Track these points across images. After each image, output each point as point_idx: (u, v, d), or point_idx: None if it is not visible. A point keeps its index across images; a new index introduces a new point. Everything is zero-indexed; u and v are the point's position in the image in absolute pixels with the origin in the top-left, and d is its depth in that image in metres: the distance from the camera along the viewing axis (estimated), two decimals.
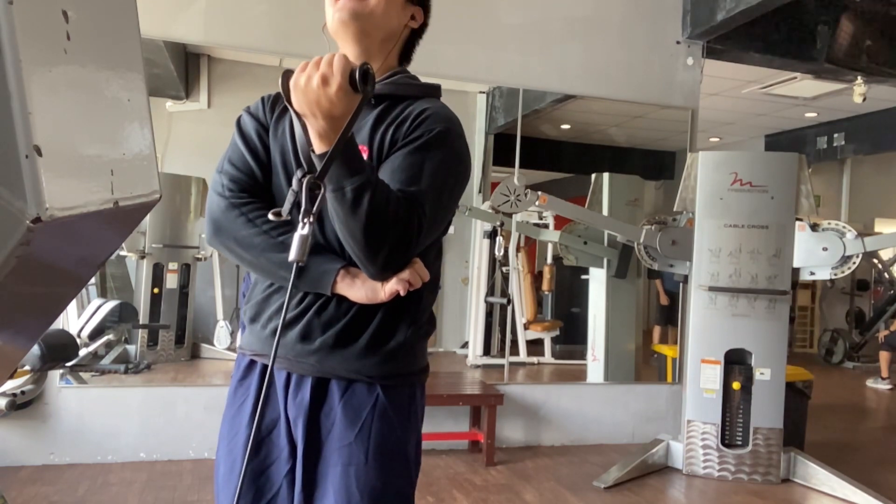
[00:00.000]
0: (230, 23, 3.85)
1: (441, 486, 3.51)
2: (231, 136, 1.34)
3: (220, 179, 1.28)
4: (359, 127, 1.25)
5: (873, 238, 4.00)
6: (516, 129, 4.57)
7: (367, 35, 1.27)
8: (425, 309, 1.31)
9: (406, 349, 1.27)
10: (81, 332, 3.86)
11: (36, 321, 0.72)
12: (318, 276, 1.20)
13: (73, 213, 0.56)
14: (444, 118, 1.25)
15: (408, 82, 1.32)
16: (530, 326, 5.82)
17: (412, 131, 1.22)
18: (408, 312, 1.26)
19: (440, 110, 1.27)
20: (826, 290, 9.03)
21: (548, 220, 5.70)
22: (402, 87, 1.30)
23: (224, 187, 1.26)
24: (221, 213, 1.25)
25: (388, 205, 1.11)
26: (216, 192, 1.27)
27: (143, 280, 4.73)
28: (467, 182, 1.31)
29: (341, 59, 1.02)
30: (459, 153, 1.27)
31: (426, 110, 1.24)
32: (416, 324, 1.29)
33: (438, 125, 1.23)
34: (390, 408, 1.25)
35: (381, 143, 1.23)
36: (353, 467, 1.22)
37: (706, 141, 8.50)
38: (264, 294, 1.31)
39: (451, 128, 1.25)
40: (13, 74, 0.52)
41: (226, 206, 1.25)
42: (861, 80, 5.32)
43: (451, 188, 1.24)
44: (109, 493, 3.24)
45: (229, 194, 1.25)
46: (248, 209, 1.24)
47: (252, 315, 1.33)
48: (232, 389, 1.35)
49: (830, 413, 5.55)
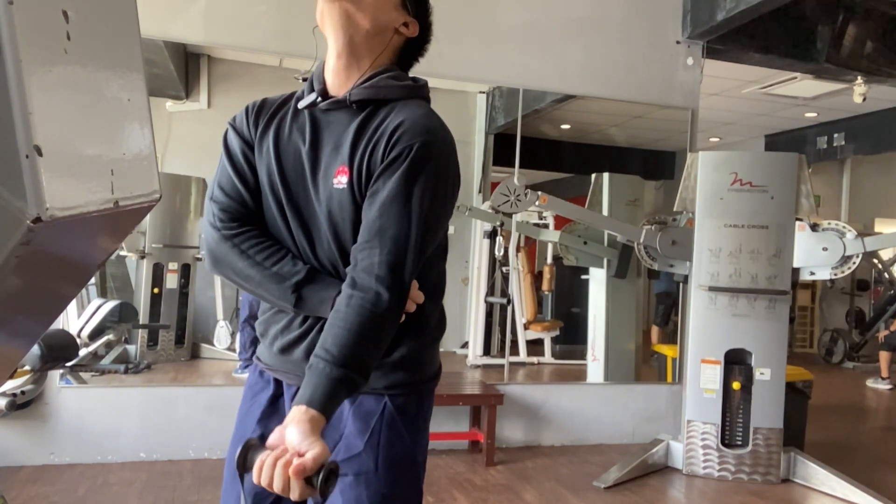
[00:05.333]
0: (230, 23, 3.85)
1: (441, 486, 3.51)
2: None
3: (212, 209, 1.28)
4: (339, 141, 1.23)
5: (873, 238, 4.00)
6: (516, 129, 4.57)
7: (353, 22, 1.22)
8: (428, 318, 1.31)
9: (411, 360, 1.28)
10: (81, 332, 3.86)
11: (36, 321, 0.72)
12: (317, 305, 1.22)
13: (73, 213, 0.57)
14: (421, 129, 1.19)
15: (388, 84, 1.25)
16: (530, 326, 5.82)
17: (390, 151, 1.18)
18: (409, 326, 1.25)
19: (419, 120, 1.20)
20: (826, 290, 9.03)
21: (548, 220, 5.70)
22: (383, 90, 1.24)
23: (216, 217, 1.27)
24: (216, 245, 1.26)
25: (374, 338, 1.13)
26: (209, 222, 1.28)
27: (143, 280, 4.73)
28: (458, 187, 1.28)
29: (299, 471, 0.97)
30: (443, 166, 1.21)
31: (402, 123, 1.19)
32: (421, 334, 1.29)
33: (416, 139, 1.17)
34: (398, 416, 1.26)
35: (360, 165, 1.20)
36: (363, 476, 1.23)
37: (706, 141, 8.50)
38: (271, 311, 1.33)
39: (430, 139, 1.19)
40: (13, 74, 0.52)
41: (219, 238, 1.26)
42: (861, 80, 5.32)
43: (439, 209, 1.21)
44: (109, 493, 3.24)
45: (221, 225, 1.26)
46: (241, 240, 1.25)
47: (261, 331, 1.36)
48: (247, 387, 1.38)
49: (830, 413, 5.55)
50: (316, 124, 1.27)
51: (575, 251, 4.99)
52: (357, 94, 1.23)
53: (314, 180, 1.24)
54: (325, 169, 1.23)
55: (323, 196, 1.23)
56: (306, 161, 1.25)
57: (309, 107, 1.27)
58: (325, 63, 1.29)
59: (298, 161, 1.26)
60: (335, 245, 1.23)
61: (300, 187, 1.25)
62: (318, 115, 1.27)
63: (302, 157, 1.25)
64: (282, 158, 1.27)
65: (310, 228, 1.25)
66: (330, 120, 1.26)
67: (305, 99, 1.27)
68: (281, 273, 1.22)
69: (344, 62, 1.25)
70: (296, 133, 1.28)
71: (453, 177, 1.25)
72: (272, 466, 0.99)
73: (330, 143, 1.24)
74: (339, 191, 1.21)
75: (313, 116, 1.27)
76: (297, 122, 1.28)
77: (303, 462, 0.97)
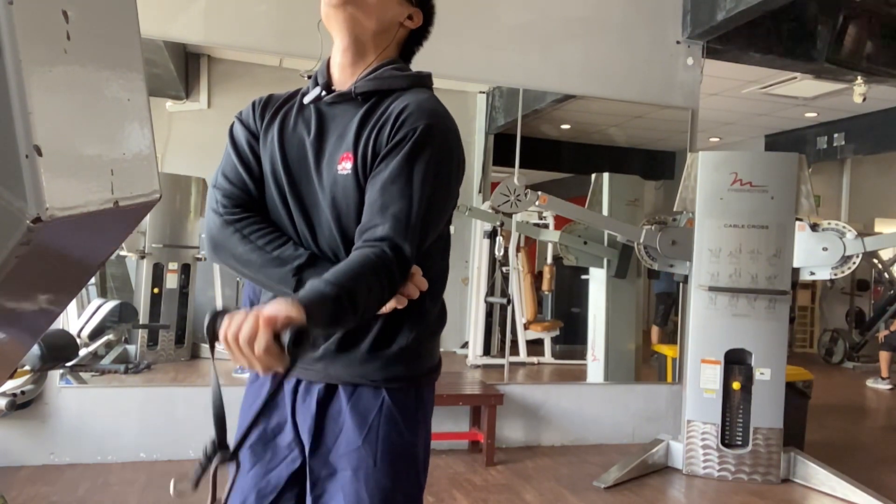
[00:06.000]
0: (230, 23, 3.85)
1: (441, 486, 3.51)
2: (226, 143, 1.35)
3: (215, 195, 1.29)
4: (344, 130, 1.24)
5: (873, 238, 4.00)
6: (516, 129, 4.57)
7: (359, 24, 1.24)
8: (429, 310, 1.31)
9: (410, 352, 1.27)
10: (81, 332, 3.86)
11: (36, 321, 0.72)
12: None
13: (73, 213, 0.57)
14: (427, 112, 1.21)
15: (393, 74, 1.27)
16: (530, 326, 5.82)
17: (395, 134, 1.19)
18: (409, 316, 1.25)
19: (423, 103, 1.22)
20: (826, 290, 9.03)
21: (548, 220, 5.70)
22: (387, 81, 1.26)
23: (219, 203, 1.27)
24: (217, 230, 1.26)
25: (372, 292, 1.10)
26: (211, 208, 1.28)
27: (143, 280, 4.72)
28: (462, 173, 1.30)
29: (268, 320, 0.92)
30: (447, 149, 1.23)
31: (407, 107, 1.20)
32: (421, 326, 1.28)
33: (421, 122, 1.19)
34: (397, 410, 1.26)
35: (364, 150, 1.21)
36: (362, 471, 1.23)
37: (706, 141, 8.50)
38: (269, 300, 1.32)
39: (435, 122, 1.21)
40: (13, 74, 0.52)
41: (221, 223, 1.26)
42: (861, 80, 5.32)
43: (442, 191, 1.22)
44: (109, 493, 3.24)
45: (223, 211, 1.26)
46: (243, 225, 1.25)
47: None
48: (248, 384, 1.38)
49: (830, 413, 5.55)
50: (321, 116, 1.28)
51: (575, 251, 4.99)
52: (362, 87, 1.25)
53: (318, 168, 1.25)
54: (330, 157, 1.24)
55: (327, 183, 1.23)
56: (310, 150, 1.26)
57: (314, 101, 1.28)
58: (331, 58, 1.31)
59: (302, 150, 1.27)
60: (337, 232, 1.23)
61: (303, 175, 1.26)
62: (324, 108, 1.29)
63: (306, 146, 1.27)
64: (286, 147, 1.28)
65: (311, 216, 1.26)
66: (335, 112, 1.27)
67: (311, 94, 1.29)
68: (282, 257, 1.21)
69: (350, 59, 1.27)
70: (301, 125, 1.29)
71: (457, 160, 1.26)
72: (242, 318, 0.93)
73: (335, 133, 1.26)
74: (344, 177, 1.22)
75: (319, 110, 1.29)
76: (302, 115, 1.30)
77: (274, 313, 0.92)
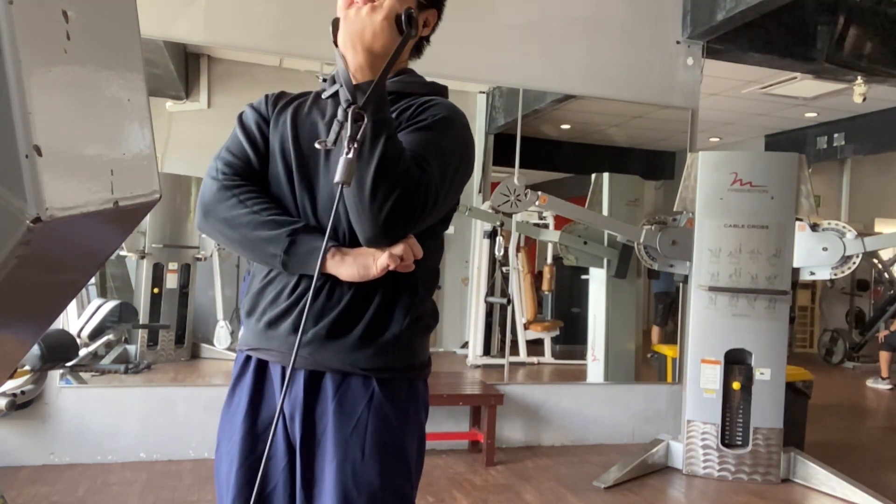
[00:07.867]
0: (230, 23, 3.85)
1: (441, 486, 3.51)
2: None
3: (216, 164, 1.29)
4: None
5: (873, 238, 4.00)
6: (516, 129, 4.57)
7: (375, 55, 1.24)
8: (423, 300, 1.29)
9: (403, 342, 1.25)
10: (81, 332, 3.86)
11: (36, 321, 0.72)
12: (308, 252, 1.18)
13: (73, 213, 0.57)
14: (448, 108, 1.28)
15: (415, 80, 1.35)
16: (530, 326, 5.82)
17: (417, 116, 1.24)
18: (403, 302, 1.24)
19: (445, 102, 1.30)
20: (826, 290, 9.03)
21: (548, 220, 5.69)
22: (410, 85, 1.32)
23: (218, 171, 1.27)
24: (212, 195, 1.25)
25: (402, 157, 1.11)
26: (210, 176, 1.28)
27: (143, 280, 4.72)
28: (471, 172, 1.31)
29: None
30: (464, 140, 1.29)
31: (432, 100, 1.28)
32: (414, 315, 1.26)
33: (443, 112, 1.25)
34: (387, 403, 1.23)
35: None
36: (350, 463, 1.21)
37: (706, 141, 8.50)
38: (260, 285, 1.30)
39: (456, 117, 1.28)
40: (13, 74, 0.52)
41: (218, 187, 1.25)
42: (861, 80, 5.32)
43: (456, 169, 1.24)
44: (109, 493, 3.24)
45: (223, 177, 1.26)
46: (241, 191, 1.24)
47: (248, 308, 1.32)
48: (230, 389, 1.35)
49: (830, 413, 5.55)
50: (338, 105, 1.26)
51: (575, 251, 4.99)
52: None
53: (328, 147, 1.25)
54: None
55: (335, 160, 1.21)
56: (323, 130, 1.26)
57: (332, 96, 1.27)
58: None
59: (315, 130, 1.28)
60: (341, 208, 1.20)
61: (312, 152, 1.26)
62: None
63: (319, 126, 1.28)
64: (298, 128, 1.29)
65: (314, 190, 1.25)
66: None
67: (329, 90, 1.28)
68: (277, 220, 1.20)
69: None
70: (315, 111, 1.31)
71: (470, 154, 1.30)
72: None
73: None
74: None
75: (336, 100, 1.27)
76: (317, 104, 1.32)
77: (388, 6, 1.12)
